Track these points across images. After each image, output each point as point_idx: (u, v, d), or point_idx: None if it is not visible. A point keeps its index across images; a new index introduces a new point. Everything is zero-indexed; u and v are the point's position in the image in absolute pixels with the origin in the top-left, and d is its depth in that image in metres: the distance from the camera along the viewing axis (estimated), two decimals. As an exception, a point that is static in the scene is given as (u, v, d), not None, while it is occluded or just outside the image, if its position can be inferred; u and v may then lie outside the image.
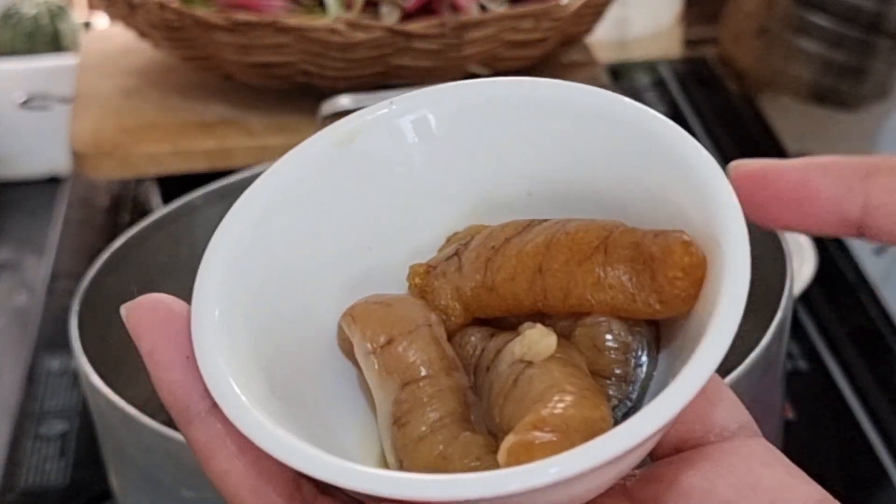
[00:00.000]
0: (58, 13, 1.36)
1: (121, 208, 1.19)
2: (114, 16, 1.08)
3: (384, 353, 0.34)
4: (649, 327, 0.34)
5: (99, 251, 0.79)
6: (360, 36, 0.97)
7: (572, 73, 1.10)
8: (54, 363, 1.00)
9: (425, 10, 0.99)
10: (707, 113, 1.33)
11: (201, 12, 0.98)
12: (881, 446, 0.92)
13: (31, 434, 0.93)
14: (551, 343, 0.33)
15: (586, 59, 1.12)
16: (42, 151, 1.30)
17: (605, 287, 0.33)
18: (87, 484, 0.88)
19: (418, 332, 0.34)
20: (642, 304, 0.33)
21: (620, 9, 1.40)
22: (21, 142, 1.30)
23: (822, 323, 1.03)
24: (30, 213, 1.28)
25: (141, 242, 0.80)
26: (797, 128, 1.41)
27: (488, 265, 0.35)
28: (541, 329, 0.33)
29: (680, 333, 0.34)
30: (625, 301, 0.33)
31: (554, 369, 0.32)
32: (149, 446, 0.65)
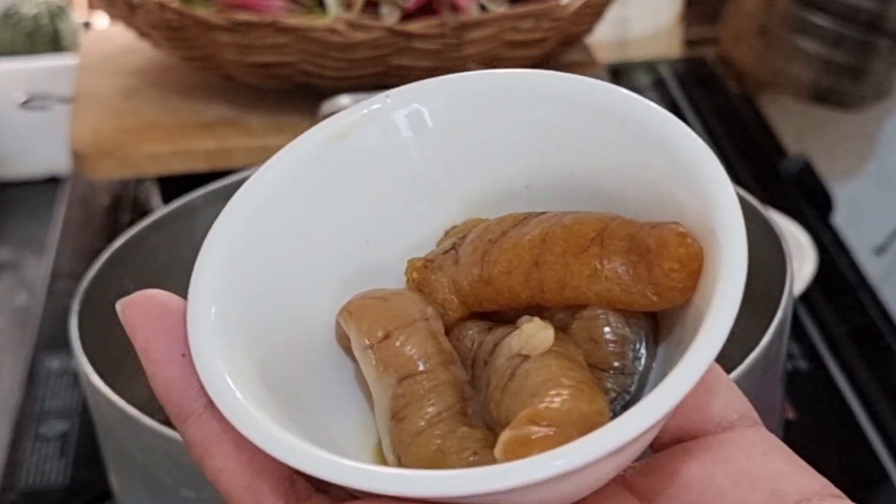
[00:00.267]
0: (58, 13, 1.36)
1: (121, 208, 1.19)
2: (114, 16, 1.08)
3: (381, 347, 0.34)
4: (647, 319, 0.34)
5: (99, 251, 0.79)
6: (360, 36, 0.97)
7: (572, 73, 1.10)
8: (54, 363, 1.00)
9: (425, 10, 0.99)
10: (707, 113, 1.33)
11: (201, 12, 0.98)
12: (881, 446, 0.92)
13: (31, 434, 0.93)
14: (549, 336, 0.33)
15: (586, 59, 1.12)
16: (42, 151, 1.30)
17: (601, 279, 0.33)
18: (87, 484, 0.88)
19: (415, 326, 0.34)
20: (639, 296, 0.33)
21: (620, 9, 1.40)
22: (21, 142, 1.30)
23: (822, 323, 1.03)
24: (30, 213, 1.28)
25: (141, 242, 0.80)
26: (797, 128, 1.41)
27: (485, 258, 0.35)
28: (538, 322, 0.33)
29: (678, 325, 0.34)
30: (621, 293, 0.33)
31: (551, 363, 0.32)
32: (149, 446, 0.64)
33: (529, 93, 0.36)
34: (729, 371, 0.60)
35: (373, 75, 1.00)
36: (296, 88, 1.03)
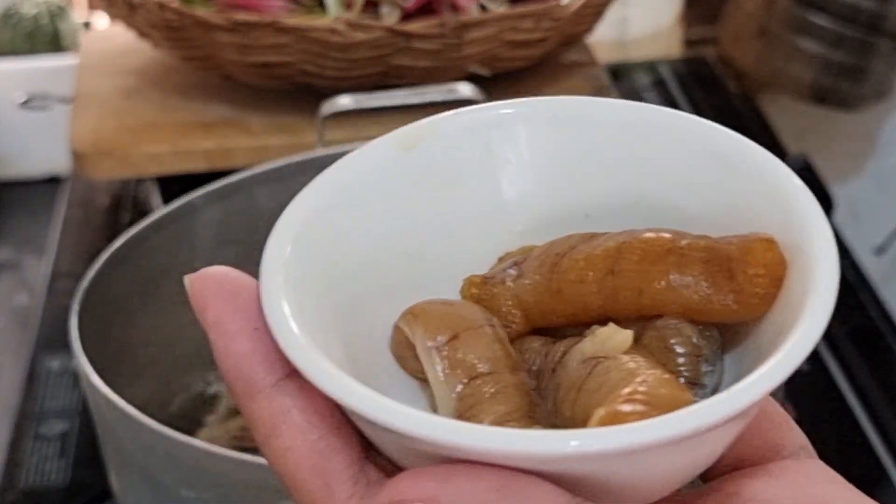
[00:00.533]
0: (58, 13, 1.36)
1: (121, 208, 1.19)
2: (114, 16, 1.08)
3: (449, 348, 0.33)
4: (719, 333, 0.34)
5: (99, 251, 0.79)
6: (360, 36, 0.97)
7: (572, 73, 1.10)
8: (54, 363, 1.00)
9: (425, 10, 0.99)
10: (707, 113, 1.33)
11: (201, 12, 0.99)
12: (881, 446, 0.92)
13: (31, 434, 0.93)
14: (627, 336, 0.32)
15: (586, 59, 1.12)
16: (42, 151, 1.30)
17: (680, 287, 0.33)
18: (87, 484, 0.88)
19: (482, 330, 0.34)
20: (719, 305, 0.32)
21: (620, 9, 1.40)
22: (21, 142, 1.30)
23: (822, 323, 1.03)
24: (30, 213, 1.28)
25: (141, 242, 0.80)
26: (797, 128, 1.41)
27: (554, 269, 0.34)
28: (613, 326, 0.33)
29: (750, 340, 0.33)
30: (700, 301, 0.32)
31: (630, 361, 0.32)
32: (149, 446, 0.65)
33: (598, 121, 0.37)
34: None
35: (373, 75, 1.00)
36: (296, 88, 1.03)
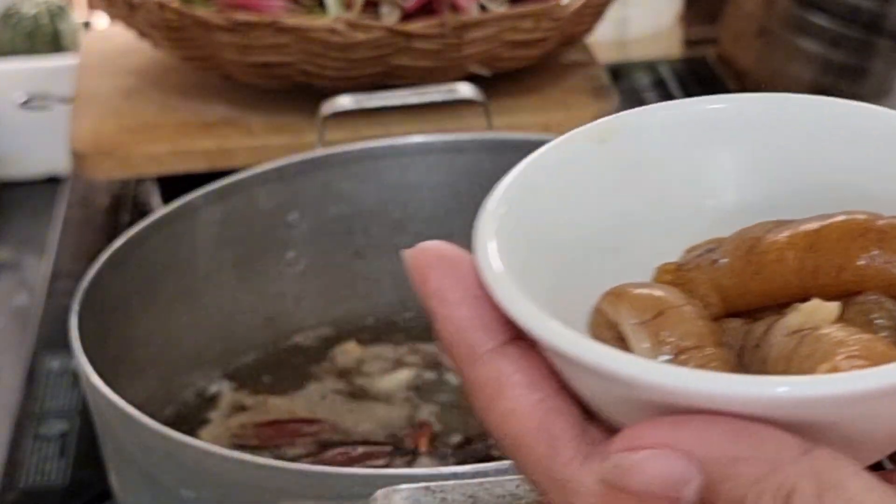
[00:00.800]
0: (58, 13, 1.36)
1: (121, 208, 1.19)
2: (114, 16, 1.08)
3: (655, 324, 0.34)
4: None
5: (99, 251, 0.79)
6: (360, 36, 0.97)
7: (572, 73, 1.10)
8: (54, 363, 1.00)
9: (425, 10, 0.99)
10: (707, 113, 1.33)
11: (201, 12, 0.99)
12: (881, 446, 0.92)
13: (31, 434, 0.93)
14: (834, 307, 0.33)
15: (586, 59, 1.12)
16: (42, 151, 1.30)
17: (880, 263, 0.33)
18: (87, 484, 0.88)
19: (685, 308, 0.34)
20: None
21: (620, 9, 1.40)
22: (21, 142, 1.30)
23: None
24: (30, 213, 1.28)
25: (141, 242, 0.80)
26: (797, 128, 1.41)
27: (752, 251, 0.35)
28: (818, 300, 0.33)
29: None
30: None
31: (839, 330, 0.32)
32: (149, 446, 0.65)
33: (786, 119, 0.38)
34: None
35: (373, 75, 1.00)
36: (296, 88, 1.03)
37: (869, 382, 0.28)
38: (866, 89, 1.36)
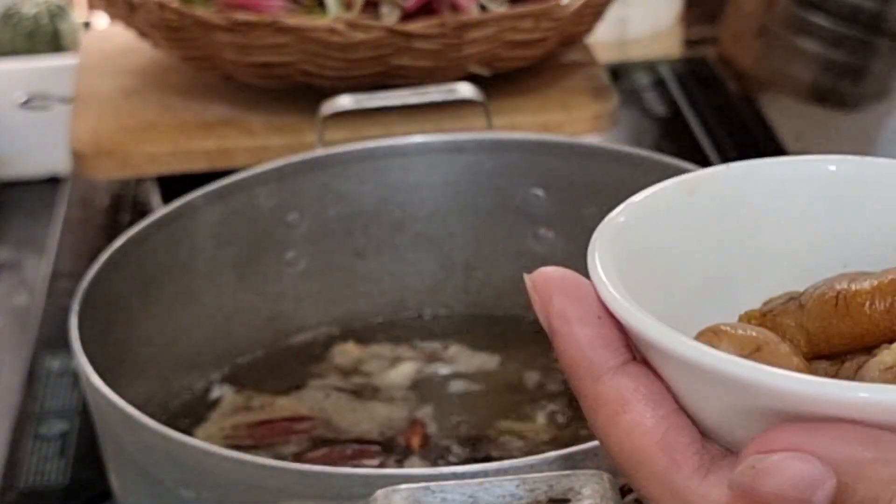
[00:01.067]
0: (58, 13, 1.36)
1: (121, 208, 1.20)
2: (114, 16, 1.08)
3: (753, 359, 0.35)
4: None
5: (99, 251, 0.79)
6: (360, 36, 0.97)
7: (572, 73, 1.10)
8: (54, 363, 1.00)
9: (425, 10, 0.99)
10: (707, 113, 1.33)
11: (201, 12, 0.99)
12: None
13: (31, 434, 0.93)
14: None
15: (586, 59, 1.12)
16: (42, 151, 1.30)
17: None
18: (87, 484, 0.88)
19: (782, 345, 0.36)
20: None
21: (620, 9, 1.40)
22: (21, 142, 1.30)
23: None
24: (30, 213, 1.28)
25: (141, 242, 0.80)
26: (797, 128, 1.41)
27: (840, 295, 0.37)
28: None
29: None
30: None
31: None
32: (149, 446, 0.65)
33: (862, 179, 0.40)
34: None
35: (373, 75, 1.00)
36: (296, 88, 1.03)
37: None
38: (866, 89, 1.36)
